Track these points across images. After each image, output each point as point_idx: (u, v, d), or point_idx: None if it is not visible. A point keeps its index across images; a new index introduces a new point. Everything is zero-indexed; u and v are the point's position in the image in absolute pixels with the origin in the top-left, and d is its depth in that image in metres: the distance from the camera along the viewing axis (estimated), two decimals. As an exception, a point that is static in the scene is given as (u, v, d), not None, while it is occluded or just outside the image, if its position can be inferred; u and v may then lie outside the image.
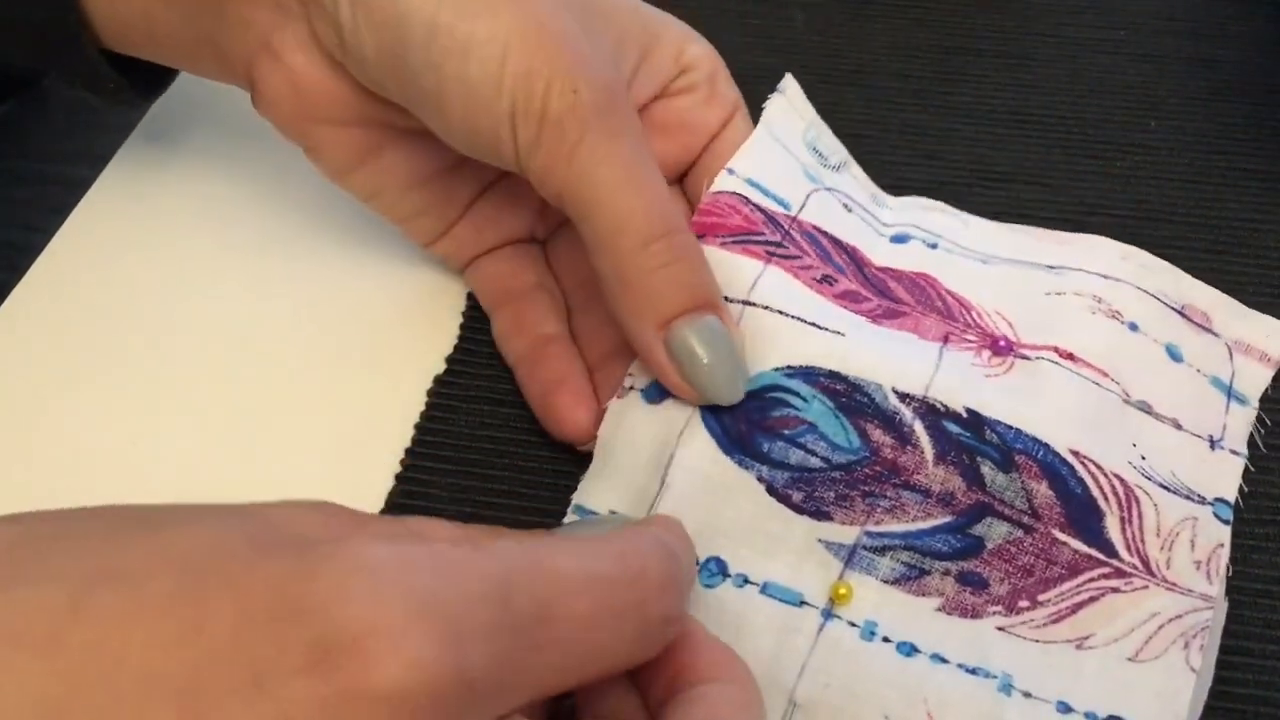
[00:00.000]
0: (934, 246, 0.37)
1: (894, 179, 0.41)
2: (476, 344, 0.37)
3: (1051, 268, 0.36)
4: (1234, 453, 0.33)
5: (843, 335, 0.32)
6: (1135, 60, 0.46)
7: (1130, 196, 0.41)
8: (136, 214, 0.41)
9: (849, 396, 0.31)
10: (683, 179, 0.37)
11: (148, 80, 0.37)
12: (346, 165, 0.35)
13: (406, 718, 0.19)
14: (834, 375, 0.32)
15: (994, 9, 0.48)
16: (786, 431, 0.31)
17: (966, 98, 0.45)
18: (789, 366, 0.32)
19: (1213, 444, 0.33)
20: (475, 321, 0.38)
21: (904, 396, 0.31)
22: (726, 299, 0.33)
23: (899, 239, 0.37)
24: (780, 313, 0.33)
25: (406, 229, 0.37)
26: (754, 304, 0.33)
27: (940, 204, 0.39)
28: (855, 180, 0.39)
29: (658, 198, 0.31)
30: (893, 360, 0.32)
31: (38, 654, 0.18)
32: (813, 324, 0.32)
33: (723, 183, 0.35)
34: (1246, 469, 0.33)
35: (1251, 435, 0.34)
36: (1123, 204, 0.41)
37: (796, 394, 0.31)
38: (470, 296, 0.38)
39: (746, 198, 0.35)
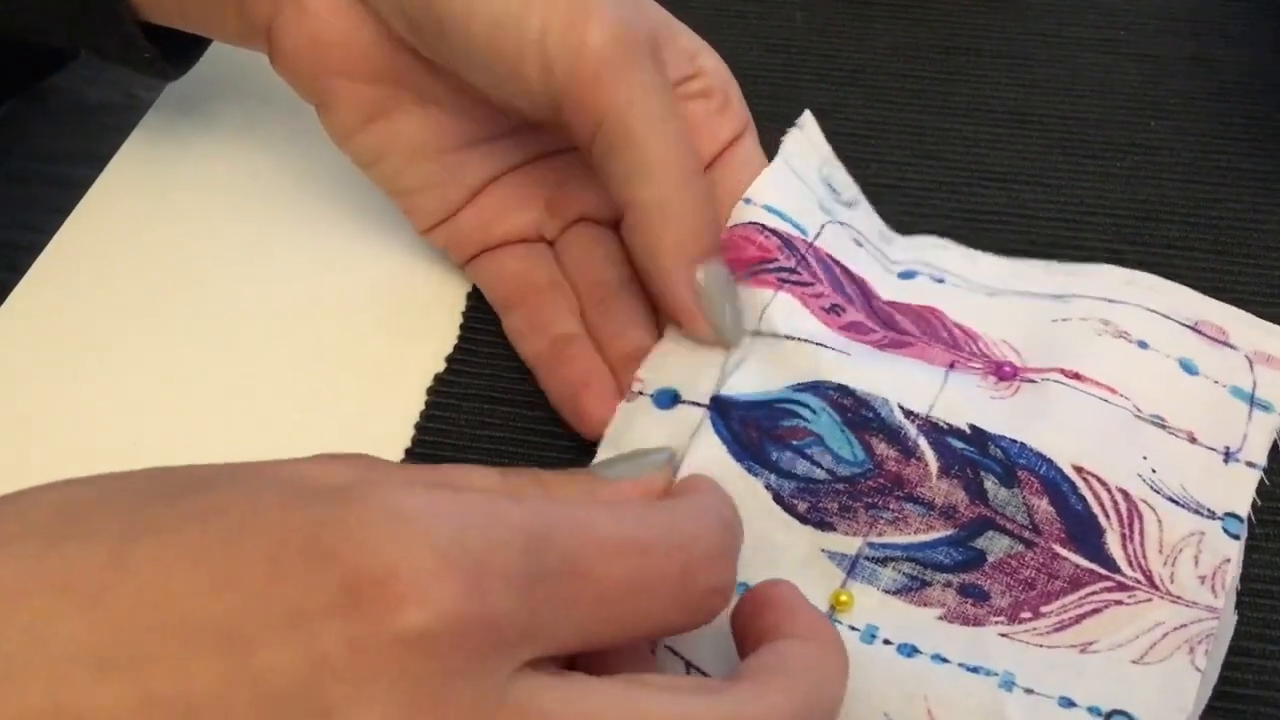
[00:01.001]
0: (940, 281, 0.37)
1: (894, 179, 0.41)
2: (476, 344, 0.37)
3: (1057, 297, 0.36)
4: (1250, 465, 0.33)
5: (849, 355, 0.33)
6: (1135, 60, 0.46)
7: (1130, 196, 0.41)
8: (136, 214, 0.41)
9: (855, 411, 0.32)
10: None
11: (177, 52, 0.38)
12: (356, 124, 0.35)
13: (429, 658, 0.19)
14: (842, 389, 0.32)
15: (994, 9, 0.48)
16: (795, 442, 0.31)
17: (966, 98, 0.45)
18: (799, 383, 0.32)
19: (1227, 456, 0.33)
20: (475, 321, 0.38)
21: (909, 413, 0.32)
22: None
23: (906, 275, 0.37)
24: (787, 337, 0.33)
25: (407, 206, 0.37)
26: (762, 333, 0.33)
27: (950, 242, 0.38)
28: (866, 218, 0.39)
29: (690, 141, 0.32)
30: (899, 378, 0.32)
31: (85, 603, 0.19)
32: (820, 345, 0.33)
33: (740, 214, 0.35)
34: (1256, 503, 0.32)
35: (1276, 444, 0.33)
36: (1123, 204, 0.41)
37: (806, 405, 0.32)
38: (470, 296, 0.38)
39: (763, 225, 0.35)
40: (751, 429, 0.31)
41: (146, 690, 0.19)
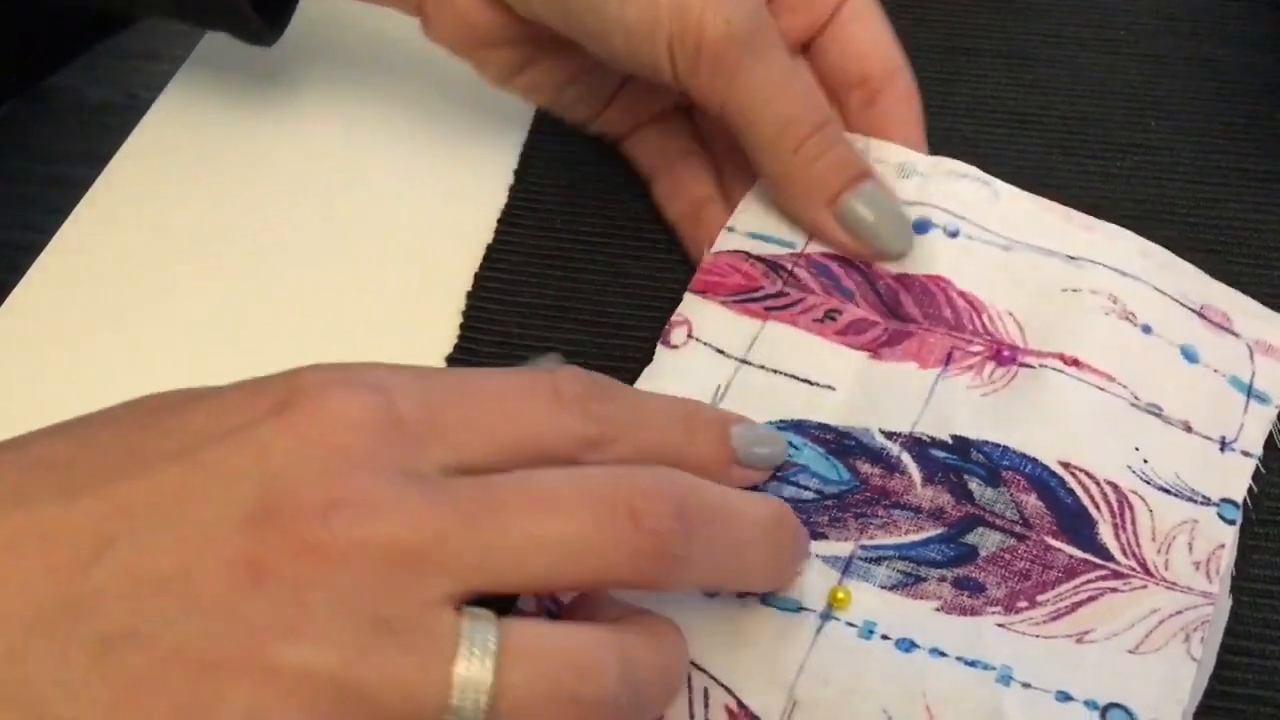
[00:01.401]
0: (955, 234, 0.36)
1: (894, 179, 0.41)
2: (477, 344, 0.37)
3: (1072, 259, 0.35)
4: (1246, 454, 0.33)
5: (833, 390, 0.34)
6: (1135, 60, 0.46)
7: (1130, 196, 0.41)
8: (136, 214, 0.41)
9: (838, 443, 0.33)
10: (806, 49, 0.40)
11: (276, 14, 0.42)
12: (507, 76, 0.40)
13: (355, 434, 0.25)
14: (823, 426, 0.33)
15: (994, 9, 0.48)
16: (780, 473, 0.32)
17: (966, 98, 0.45)
18: (782, 420, 0.33)
19: (1224, 446, 0.33)
20: (475, 321, 0.38)
21: (890, 435, 0.33)
22: (722, 353, 0.35)
23: (920, 227, 0.37)
24: (774, 371, 0.34)
25: (564, 114, 0.42)
26: (750, 363, 0.34)
27: (972, 170, 0.38)
28: (878, 165, 0.38)
29: (806, 99, 0.36)
30: (880, 408, 0.33)
31: (56, 472, 0.25)
32: (805, 380, 0.34)
33: (723, 242, 0.37)
34: (1252, 489, 0.32)
35: (1270, 435, 0.33)
36: (1123, 204, 0.41)
37: (789, 443, 0.33)
38: (470, 295, 0.38)
39: (747, 253, 0.36)
40: None
41: (114, 500, 0.24)
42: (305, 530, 0.23)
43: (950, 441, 0.32)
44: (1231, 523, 0.31)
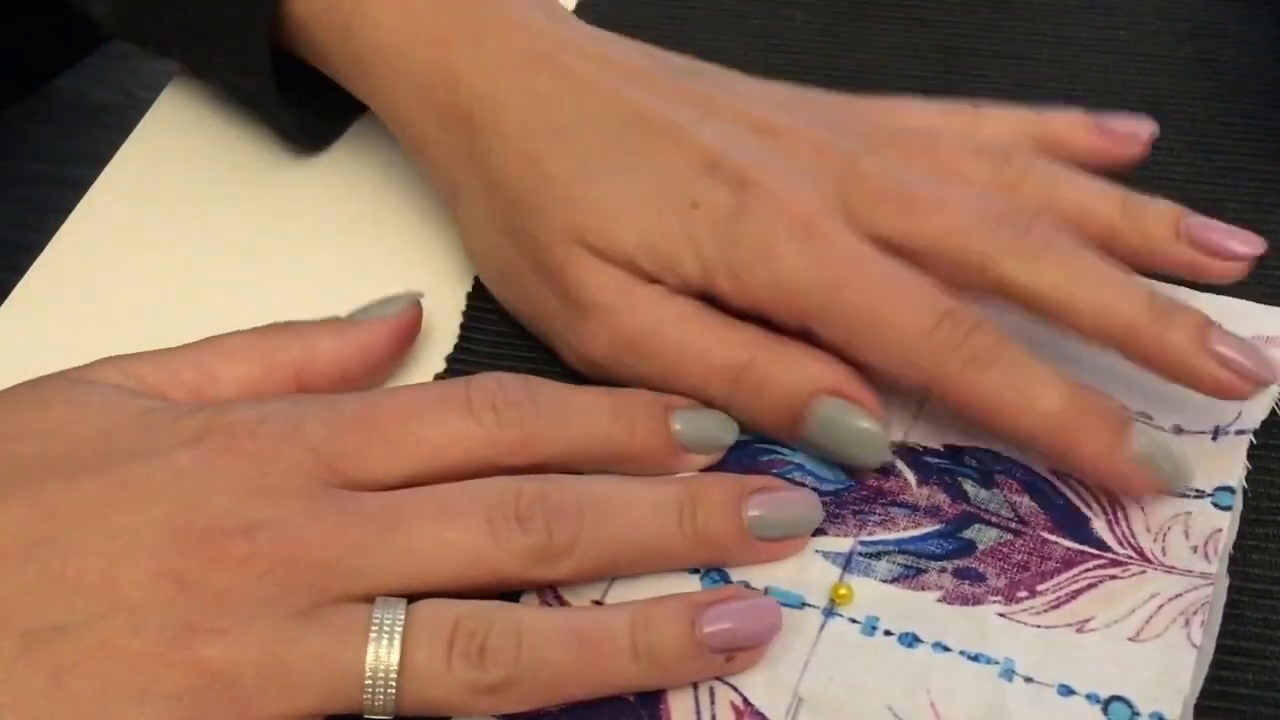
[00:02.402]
0: None
1: (894, 179, 0.41)
2: (476, 344, 0.37)
3: None
4: (1240, 432, 0.33)
5: None
6: (1135, 60, 0.46)
7: (1130, 196, 0.41)
8: (136, 214, 0.41)
9: None
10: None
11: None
12: None
13: (259, 461, 0.27)
14: None
15: (994, 9, 0.48)
16: (775, 471, 0.32)
17: (966, 98, 0.45)
18: None
19: (1216, 434, 0.33)
20: (475, 321, 0.38)
21: None
22: None
23: None
24: None
25: None
26: None
27: None
28: None
29: (707, 359, 0.32)
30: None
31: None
32: None
33: None
34: (1248, 469, 0.32)
35: (1270, 421, 0.33)
36: (1123, 204, 0.41)
37: (783, 444, 0.33)
38: (470, 296, 0.38)
39: None
40: (731, 467, 0.33)
41: (42, 505, 0.26)
42: (230, 546, 0.26)
43: (942, 450, 0.33)
44: (1227, 508, 0.31)
